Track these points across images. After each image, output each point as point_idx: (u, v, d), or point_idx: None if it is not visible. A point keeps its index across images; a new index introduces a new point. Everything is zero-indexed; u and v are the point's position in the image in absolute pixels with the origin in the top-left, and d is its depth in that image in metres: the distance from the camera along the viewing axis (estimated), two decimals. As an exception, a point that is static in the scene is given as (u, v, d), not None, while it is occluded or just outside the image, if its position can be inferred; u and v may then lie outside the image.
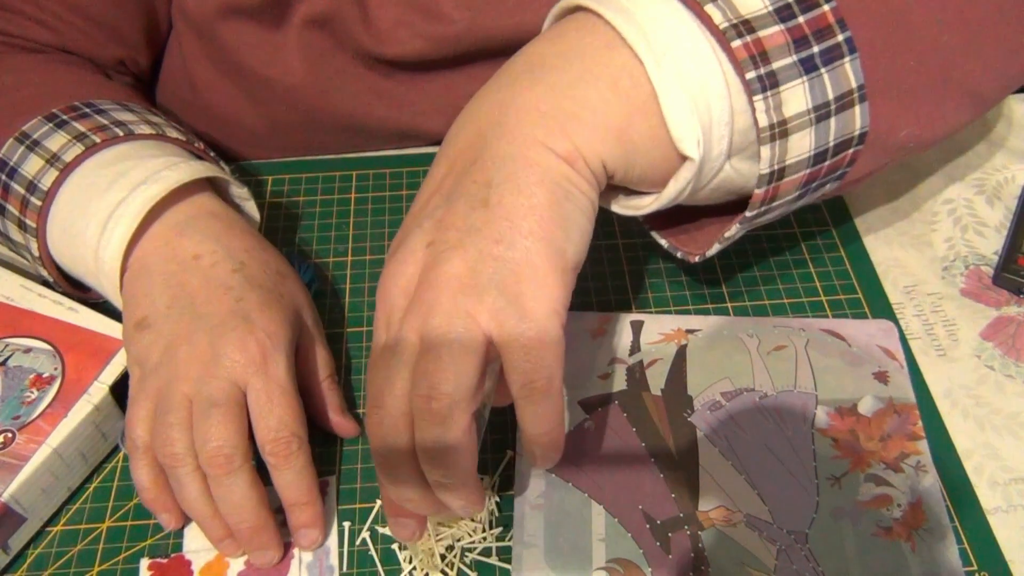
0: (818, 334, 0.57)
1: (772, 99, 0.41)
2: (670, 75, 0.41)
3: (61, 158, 0.52)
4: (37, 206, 0.52)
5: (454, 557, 0.48)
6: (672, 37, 0.41)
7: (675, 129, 0.41)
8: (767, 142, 0.42)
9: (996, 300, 0.60)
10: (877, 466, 0.51)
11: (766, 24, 0.41)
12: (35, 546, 0.50)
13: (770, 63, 0.41)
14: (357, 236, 0.65)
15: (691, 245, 0.51)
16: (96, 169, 0.52)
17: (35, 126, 0.54)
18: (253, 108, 0.68)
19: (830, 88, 0.42)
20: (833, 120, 0.43)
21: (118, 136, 0.53)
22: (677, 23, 0.41)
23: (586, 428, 0.53)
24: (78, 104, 0.55)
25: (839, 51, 0.42)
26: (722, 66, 0.41)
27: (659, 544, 0.48)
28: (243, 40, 0.64)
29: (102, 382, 0.51)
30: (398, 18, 0.62)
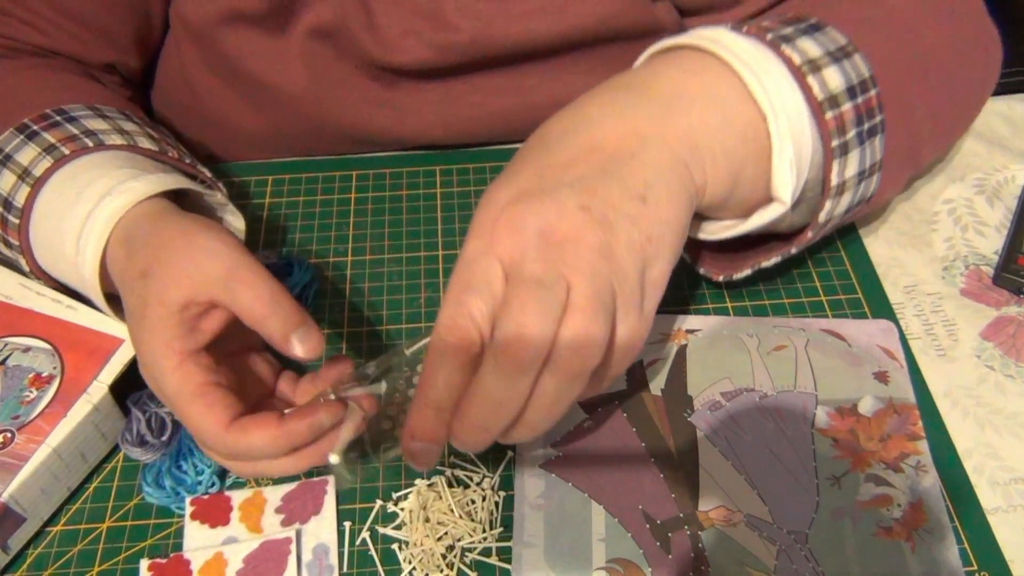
0: (818, 334, 0.57)
1: (840, 163, 0.48)
2: (784, 132, 0.46)
3: (32, 173, 0.51)
4: (16, 224, 0.52)
5: (454, 557, 0.48)
6: (786, 100, 0.46)
7: (778, 178, 0.47)
8: (832, 197, 0.49)
9: (996, 300, 0.60)
10: (877, 466, 0.51)
11: (844, 100, 0.48)
12: (35, 546, 0.50)
13: (845, 135, 0.48)
14: (357, 236, 0.65)
15: (711, 265, 0.56)
16: (64, 181, 0.51)
17: (7, 139, 0.53)
18: (254, 115, 0.68)
19: (868, 158, 0.50)
20: (864, 183, 0.51)
21: (88, 147, 0.52)
22: (788, 88, 0.47)
23: (586, 428, 0.53)
24: (49, 112, 0.54)
25: (876, 129, 0.49)
26: (812, 132, 0.47)
27: (659, 544, 0.48)
28: (245, 47, 0.63)
29: (101, 381, 0.51)
30: (405, 26, 0.62)
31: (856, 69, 0.49)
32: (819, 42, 0.48)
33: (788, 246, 0.52)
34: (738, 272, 0.54)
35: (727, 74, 0.47)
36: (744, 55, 0.47)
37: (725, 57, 0.47)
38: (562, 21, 0.63)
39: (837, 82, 0.48)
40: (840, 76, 0.48)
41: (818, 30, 0.49)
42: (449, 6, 0.61)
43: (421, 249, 0.64)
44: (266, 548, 0.49)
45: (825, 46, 0.48)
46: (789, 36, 0.48)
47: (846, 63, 0.48)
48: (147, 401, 0.52)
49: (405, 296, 0.61)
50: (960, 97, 0.60)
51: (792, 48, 0.47)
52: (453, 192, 0.68)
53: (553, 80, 0.67)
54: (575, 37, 0.64)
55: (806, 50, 0.48)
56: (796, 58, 0.47)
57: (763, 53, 0.47)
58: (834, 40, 0.49)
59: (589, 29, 0.64)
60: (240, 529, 0.50)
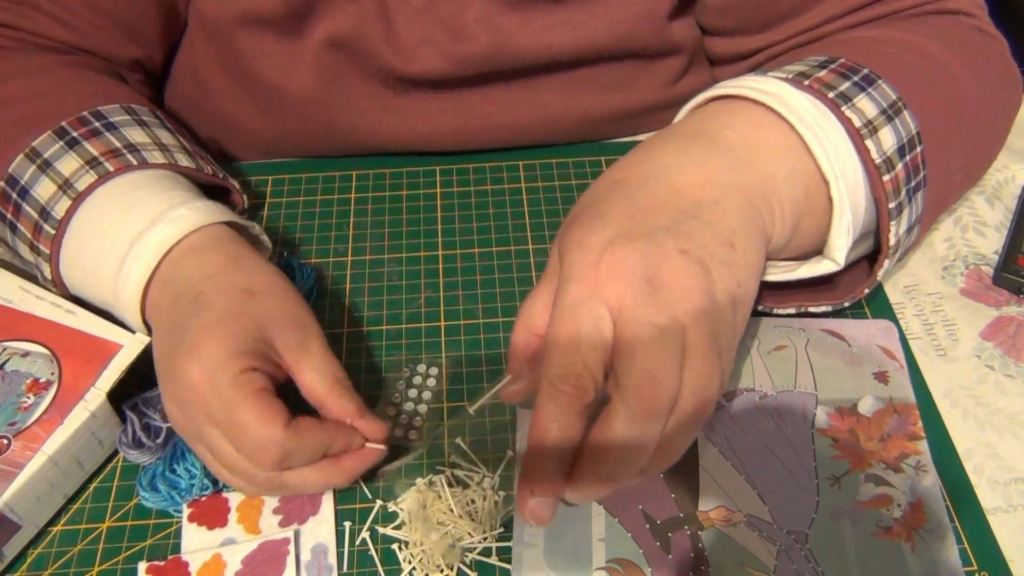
0: (818, 334, 0.57)
1: (896, 223, 0.50)
2: (844, 197, 0.47)
3: (74, 186, 0.52)
4: (51, 234, 0.52)
5: (454, 557, 0.48)
6: (844, 163, 0.48)
7: (834, 240, 0.49)
8: (890, 256, 0.51)
9: (996, 300, 0.60)
10: (877, 466, 0.51)
11: (897, 161, 0.49)
12: (35, 546, 0.50)
13: (899, 195, 0.49)
14: (357, 236, 0.65)
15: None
16: (109, 199, 0.52)
17: (45, 142, 0.54)
18: (262, 117, 0.68)
19: (914, 212, 0.51)
20: (908, 236, 0.52)
21: (131, 164, 0.53)
22: (846, 151, 0.48)
23: (586, 428, 0.53)
24: (87, 116, 0.55)
25: (920, 184, 0.51)
26: (865, 191, 0.49)
27: (659, 544, 0.48)
28: (259, 49, 0.63)
29: (99, 388, 0.51)
30: (423, 36, 0.62)
31: (906, 126, 0.50)
32: (873, 100, 0.49)
33: (841, 299, 0.54)
34: (782, 307, 0.56)
35: (790, 132, 0.47)
36: (808, 117, 0.47)
37: (790, 119, 0.47)
38: (579, 37, 0.63)
39: (891, 143, 0.49)
40: (893, 136, 0.49)
41: (872, 84, 0.50)
42: (469, 18, 0.61)
43: (421, 249, 0.64)
44: (264, 549, 0.49)
45: (879, 104, 0.49)
46: (847, 93, 0.49)
47: (897, 121, 0.49)
48: (142, 406, 0.52)
49: (405, 296, 0.61)
50: (989, 142, 0.61)
51: (852, 109, 0.48)
52: (453, 192, 0.68)
53: (568, 96, 0.67)
54: (591, 53, 0.64)
55: (863, 110, 0.48)
56: (856, 120, 0.48)
57: (823, 113, 0.48)
58: (886, 96, 0.50)
59: (605, 46, 0.64)
60: (238, 530, 0.50)
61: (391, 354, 0.58)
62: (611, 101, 0.68)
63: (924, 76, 0.54)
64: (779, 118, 0.48)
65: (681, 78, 0.70)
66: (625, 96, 0.69)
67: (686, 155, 0.46)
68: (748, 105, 0.49)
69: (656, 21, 0.64)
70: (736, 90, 0.49)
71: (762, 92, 0.48)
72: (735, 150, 0.47)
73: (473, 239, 0.65)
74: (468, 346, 0.58)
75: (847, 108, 0.48)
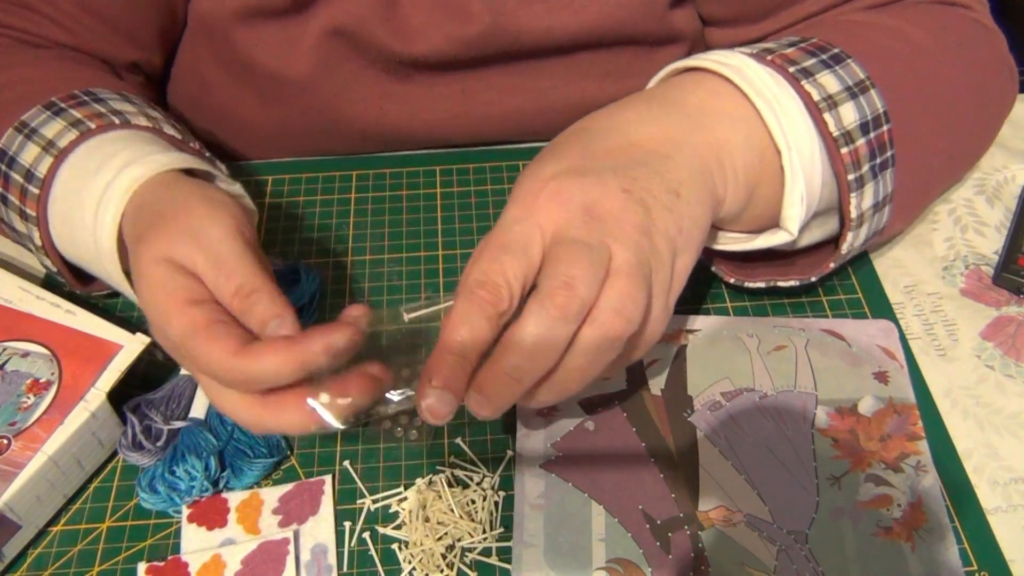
0: (818, 334, 0.57)
1: (858, 196, 0.50)
2: (796, 167, 0.48)
3: (56, 144, 0.51)
4: (35, 194, 0.51)
5: (454, 557, 0.48)
6: (800, 135, 0.49)
7: (788, 210, 0.50)
8: (853, 229, 0.51)
9: (996, 300, 0.60)
10: (877, 466, 0.51)
11: (858, 136, 0.50)
12: (35, 546, 0.50)
13: (860, 169, 0.50)
14: (357, 236, 0.65)
15: (724, 265, 0.57)
16: (88, 153, 0.51)
17: (34, 115, 0.53)
18: (263, 110, 0.68)
19: (881, 190, 0.52)
20: (878, 215, 0.53)
21: (113, 123, 0.52)
22: (803, 123, 0.49)
23: (586, 428, 0.53)
24: (77, 92, 0.55)
25: (888, 163, 0.51)
26: (823, 165, 0.49)
27: (659, 544, 0.48)
28: (258, 41, 0.63)
29: (99, 388, 0.51)
30: (427, 17, 0.62)
31: (871, 104, 0.50)
32: (838, 76, 0.50)
33: (807, 273, 0.55)
34: (751, 281, 0.57)
35: (747, 103, 0.49)
36: (764, 89, 0.49)
37: (745, 89, 0.49)
38: (580, 20, 0.63)
39: (852, 118, 0.49)
40: (855, 112, 0.50)
41: (840, 62, 0.51)
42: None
43: (421, 249, 0.64)
44: (264, 549, 0.49)
45: (844, 81, 0.50)
46: (810, 69, 0.50)
47: (862, 98, 0.50)
48: (143, 407, 0.52)
49: (405, 296, 0.61)
50: (975, 131, 0.61)
51: (812, 83, 0.49)
52: (453, 192, 0.68)
53: (568, 82, 0.68)
54: (591, 38, 0.64)
55: (825, 85, 0.49)
56: (815, 93, 0.49)
57: (782, 86, 0.49)
58: (853, 74, 0.51)
59: (605, 31, 0.64)
60: (238, 531, 0.50)
61: (391, 354, 0.58)
62: (611, 88, 0.69)
63: (901, 60, 0.54)
64: (738, 89, 0.49)
65: None
66: (625, 84, 0.69)
67: (648, 113, 0.48)
68: (711, 76, 0.50)
69: (656, 8, 0.64)
70: (701, 62, 0.51)
71: (723, 64, 0.49)
72: (693, 115, 0.48)
73: (473, 239, 0.65)
74: (468, 346, 0.58)
75: (807, 82, 0.49)
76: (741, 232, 0.53)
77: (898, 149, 0.52)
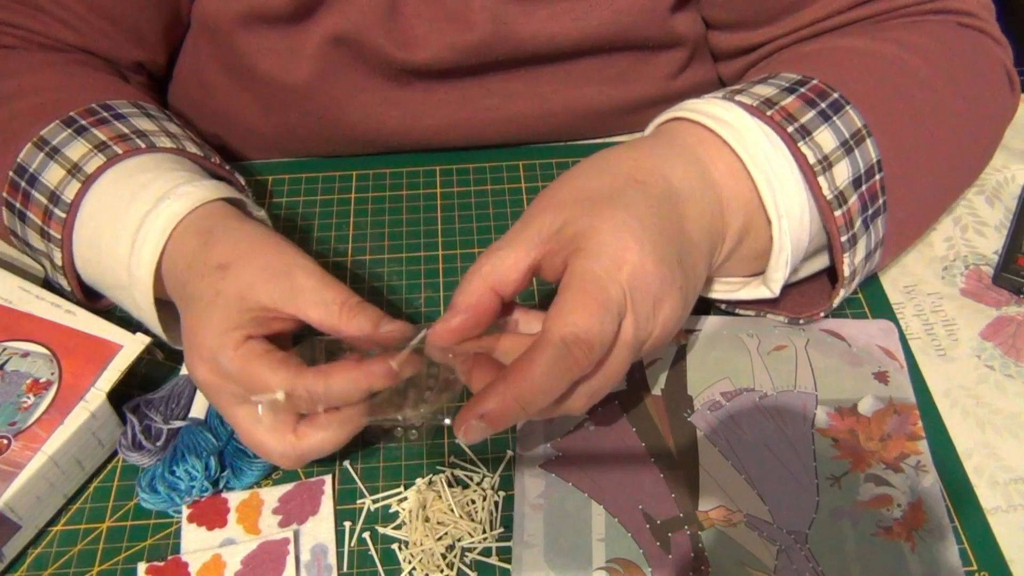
0: (818, 334, 0.57)
1: (851, 254, 0.51)
2: (785, 234, 0.49)
3: (82, 169, 0.52)
4: (61, 218, 0.52)
5: (454, 557, 0.48)
6: (791, 200, 0.49)
7: (772, 272, 0.51)
8: (845, 286, 0.53)
9: (996, 300, 0.60)
10: (877, 466, 0.51)
11: (851, 193, 0.51)
12: (35, 546, 0.50)
13: (853, 227, 0.51)
14: (357, 236, 0.65)
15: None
16: (117, 181, 0.52)
17: (53, 131, 0.54)
18: (265, 114, 0.68)
19: (872, 239, 0.53)
20: (869, 262, 0.54)
21: (139, 147, 0.53)
22: (795, 188, 0.50)
23: (586, 428, 0.53)
24: (95, 107, 0.55)
25: (879, 210, 0.52)
26: (812, 225, 0.50)
27: (659, 544, 0.48)
28: (260, 46, 0.63)
29: (99, 388, 0.51)
30: (428, 25, 0.62)
31: (865, 156, 0.51)
32: (836, 131, 0.51)
33: (797, 313, 0.57)
34: (743, 309, 0.58)
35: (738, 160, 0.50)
36: (758, 153, 0.49)
37: (740, 155, 0.49)
38: (582, 27, 0.63)
39: (844, 176, 0.50)
40: (849, 169, 0.50)
41: (838, 111, 0.51)
42: (475, 5, 0.61)
43: (421, 249, 0.64)
44: (264, 549, 0.49)
45: (841, 134, 0.51)
46: (808, 126, 0.50)
47: (857, 152, 0.51)
48: (143, 408, 0.52)
49: (405, 296, 0.61)
50: (972, 156, 0.62)
51: (809, 144, 0.50)
52: (453, 192, 0.68)
53: (569, 87, 0.68)
54: (593, 44, 0.64)
55: (822, 144, 0.50)
56: (811, 156, 0.50)
57: (778, 149, 0.50)
58: (851, 124, 0.51)
59: (607, 36, 0.64)
60: (238, 531, 0.50)
61: (391, 354, 0.58)
62: (612, 93, 0.69)
63: (899, 97, 0.55)
64: (731, 151, 0.50)
65: (683, 71, 0.70)
66: (626, 88, 0.69)
67: (681, 168, 0.49)
68: (706, 133, 0.51)
69: (658, 13, 0.64)
70: (697, 116, 0.51)
71: (719, 121, 0.50)
72: (702, 165, 0.50)
73: (473, 239, 0.65)
74: (468, 346, 0.58)
75: (803, 144, 0.50)
76: (724, 277, 0.55)
77: (890, 193, 0.52)
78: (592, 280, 0.43)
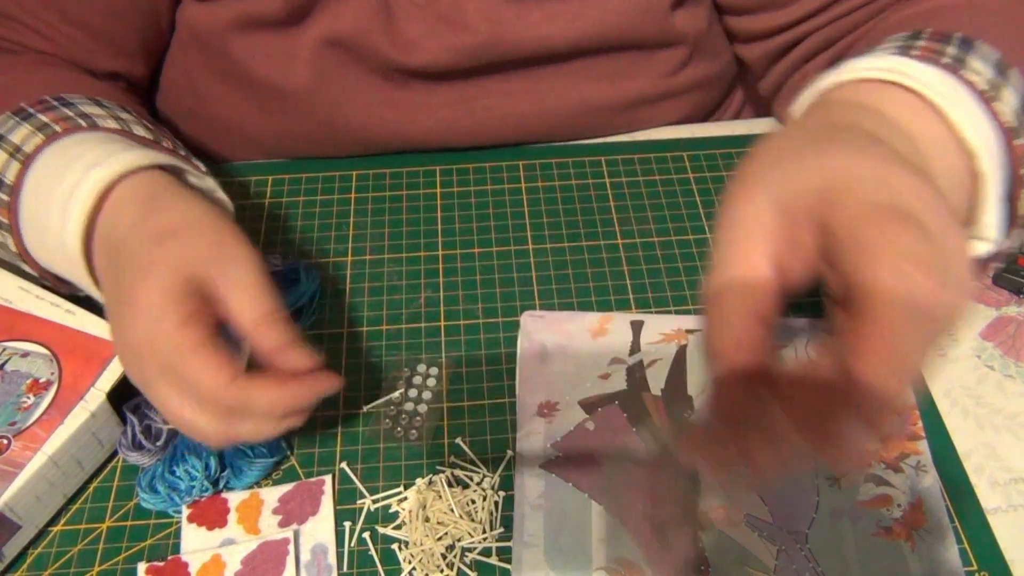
0: (818, 334, 0.57)
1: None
2: (992, 168, 0.43)
3: (23, 149, 0.51)
4: (5, 201, 0.51)
5: (454, 557, 0.48)
6: (983, 131, 0.44)
7: (986, 215, 0.44)
8: (1021, 225, 0.46)
9: (996, 300, 0.60)
10: (877, 466, 0.51)
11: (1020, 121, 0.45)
12: (35, 546, 0.50)
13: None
14: (357, 236, 0.65)
15: None
16: (54, 157, 0.50)
17: (2, 121, 0.53)
18: (261, 118, 0.68)
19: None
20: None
21: (80, 126, 0.52)
22: (982, 118, 0.44)
23: (586, 428, 0.53)
24: (46, 98, 0.54)
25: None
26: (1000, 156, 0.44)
27: (659, 544, 0.48)
28: (254, 51, 0.63)
29: (99, 388, 0.51)
30: (423, 29, 0.62)
31: (1017, 82, 0.47)
32: (983, 58, 0.46)
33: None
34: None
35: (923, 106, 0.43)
36: (939, 85, 0.43)
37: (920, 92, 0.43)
38: (577, 28, 0.63)
39: (1013, 102, 0.45)
40: (1013, 95, 0.46)
41: (970, 47, 0.47)
42: (470, 8, 0.61)
43: (421, 249, 0.64)
44: (264, 549, 0.49)
45: (988, 61, 0.46)
46: (959, 57, 0.45)
47: (1010, 79, 0.46)
48: (143, 407, 0.52)
49: (405, 296, 0.61)
50: None
51: (969, 71, 0.45)
52: (453, 192, 0.68)
53: (567, 85, 0.67)
54: (590, 44, 0.64)
55: (980, 71, 0.45)
56: (980, 82, 0.45)
57: (951, 83, 0.44)
58: (990, 53, 0.47)
59: (604, 37, 0.64)
60: (238, 531, 0.50)
61: (391, 354, 0.58)
62: (610, 90, 0.68)
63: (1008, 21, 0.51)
64: (908, 92, 0.44)
65: (683, 69, 0.70)
66: (625, 86, 0.69)
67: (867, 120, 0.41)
68: (878, 88, 0.44)
69: (656, 12, 0.64)
70: (851, 74, 0.45)
71: (887, 70, 0.44)
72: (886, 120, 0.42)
73: (473, 239, 0.65)
74: (468, 346, 0.58)
75: (966, 71, 0.45)
76: None
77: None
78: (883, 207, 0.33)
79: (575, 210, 0.66)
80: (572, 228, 0.65)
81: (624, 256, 0.63)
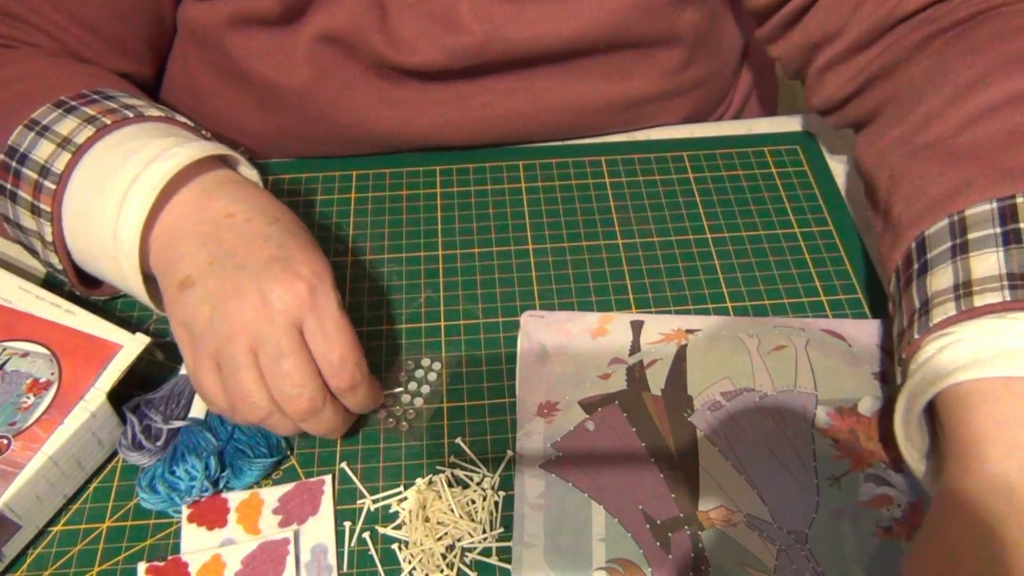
0: (818, 334, 0.57)
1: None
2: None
3: (73, 140, 0.52)
4: (51, 190, 0.51)
5: (454, 557, 0.48)
6: None
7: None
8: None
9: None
10: (877, 466, 0.51)
11: None
12: (35, 546, 0.50)
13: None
14: (357, 236, 0.65)
15: None
16: (108, 150, 0.52)
17: (44, 113, 0.54)
18: (260, 116, 0.68)
19: None
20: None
21: (128, 118, 0.53)
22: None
23: (586, 428, 0.53)
24: (86, 92, 0.55)
25: None
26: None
27: (659, 544, 0.48)
28: (251, 49, 0.63)
29: (99, 388, 0.51)
30: (418, 29, 0.62)
31: None
32: None
33: None
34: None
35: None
36: None
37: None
38: (573, 27, 0.62)
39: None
40: None
41: None
42: (463, 7, 0.61)
43: (421, 249, 0.64)
44: (264, 549, 0.49)
45: None
46: None
47: None
48: (143, 407, 0.52)
49: (405, 296, 0.61)
50: None
51: None
52: (453, 192, 0.68)
53: (564, 84, 0.67)
54: (585, 44, 0.64)
55: None
56: None
57: None
58: None
59: (600, 36, 0.64)
60: (238, 531, 0.50)
61: (391, 354, 0.58)
62: (608, 90, 0.68)
63: None
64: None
65: (683, 68, 0.70)
66: (623, 85, 0.68)
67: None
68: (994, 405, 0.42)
69: (653, 11, 0.63)
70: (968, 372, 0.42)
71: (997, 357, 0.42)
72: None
73: (473, 239, 0.65)
74: (468, 346, 0.58)
75: None
76: None
77: None
78: None
79: (575, 210, 0.66)
80: (572, 228, 0.65)
81: (624, 256, 0.63)
